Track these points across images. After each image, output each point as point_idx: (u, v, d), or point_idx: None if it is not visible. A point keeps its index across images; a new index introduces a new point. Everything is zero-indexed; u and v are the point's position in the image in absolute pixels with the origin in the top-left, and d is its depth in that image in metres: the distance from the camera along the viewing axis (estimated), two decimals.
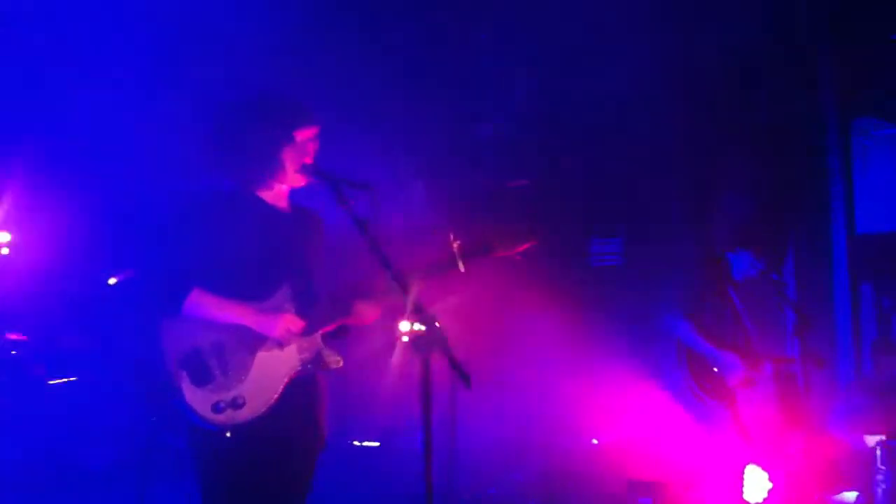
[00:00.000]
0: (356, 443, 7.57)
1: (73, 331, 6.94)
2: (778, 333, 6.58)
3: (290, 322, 3.60)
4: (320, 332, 3.72)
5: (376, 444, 7.46)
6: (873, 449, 5.89)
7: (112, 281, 6.98)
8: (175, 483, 5.39)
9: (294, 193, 3.83)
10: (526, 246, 3.76)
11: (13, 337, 6.67)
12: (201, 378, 3.45)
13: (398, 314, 3.55)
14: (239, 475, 3.50)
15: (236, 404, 3.47)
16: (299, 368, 3.65)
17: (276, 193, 3.76)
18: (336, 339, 3.81)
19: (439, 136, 7.45)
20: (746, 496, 5.60)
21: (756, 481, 5.71)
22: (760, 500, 5.57)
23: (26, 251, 6.62)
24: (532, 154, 7.63)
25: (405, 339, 6.82)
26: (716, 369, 5.51)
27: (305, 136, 3.70)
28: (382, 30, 6.94)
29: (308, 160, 3.70)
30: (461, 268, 3.68)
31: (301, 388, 3.64)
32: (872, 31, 6.82)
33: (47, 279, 6.75)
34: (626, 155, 7.06)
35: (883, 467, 5.80)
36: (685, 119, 6.98)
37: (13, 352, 6.68)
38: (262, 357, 3.57)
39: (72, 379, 6.83)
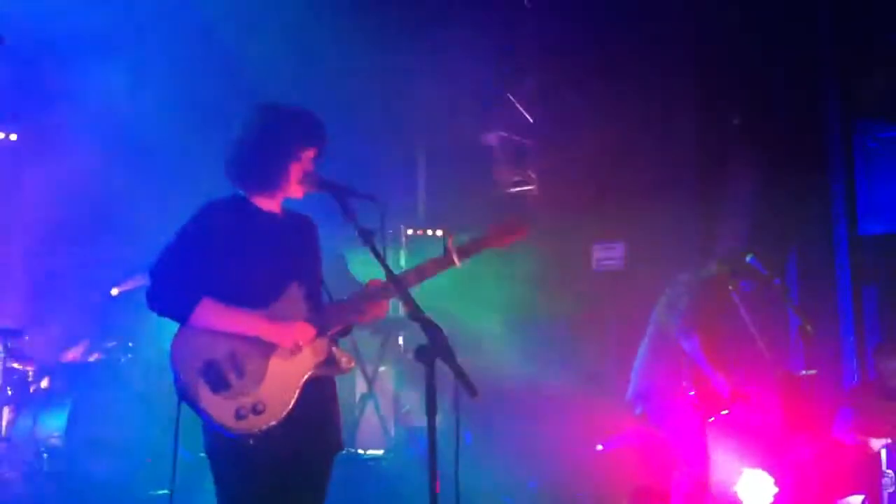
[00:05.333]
0: (361, 451, 7.56)
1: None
2: (782, 338, 6.56)
3: (301, 330, 3.62)
4: (330, 333, 3.73)
5: (380, 451, 7.45)
6: (879, 452, 5.87)
7: (115, 291, 7.00)
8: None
9: (289, 202, 3.88)
10: (516, 238, 3.80)
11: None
12: (219, 386, 3.46)
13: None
14: (261, 480, 3.51)
15: (256, 410, 3.48)
16: (313, 371, 3.65)
17: (273, 201, 3.82)
18: (340, 337, 3.83)
19: (448, 143, 7.43)
20: (751, 500, 5.60)
21: (760, 486, 5.71)
22: None
23: None
24: (537, 161, 7.63)
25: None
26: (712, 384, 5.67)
27: (311, 152, 3.75)
28: (392, 38, 6.93)
29: (309, 171, 3.74)
30: (457, 263, 3.71)
31: (315, 391, 3.65)
32: (875, 32, 6.81)
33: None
34: (631, 163, 7.04)
35: (889, 471, 5.78)
36: (690, 126, 6.96)
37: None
38: (277, 361, 3.59)
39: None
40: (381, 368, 7.90)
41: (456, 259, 3.71)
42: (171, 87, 6.52)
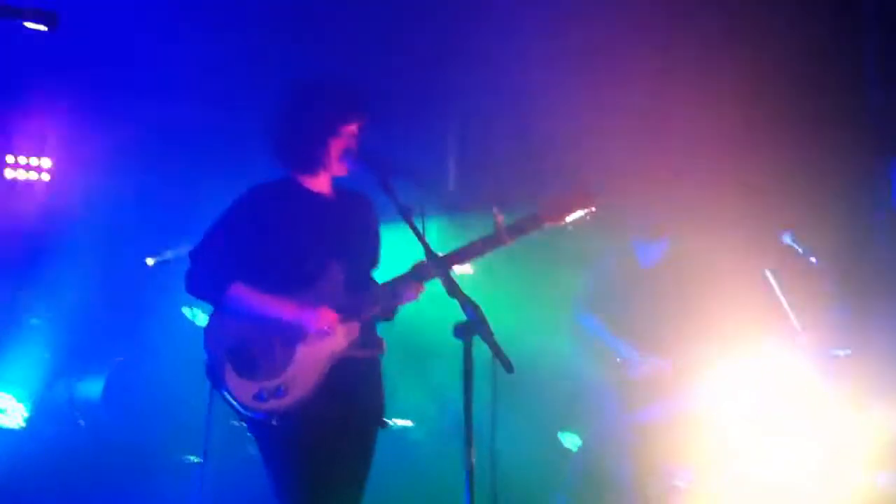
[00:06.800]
0: (390, 422, 7.59)
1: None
2: (820, 320, 6.48)
3: (323, 317, 3.60)
4: (365, 316, 3.72)
5: (409, 423, 7.49)
6: None
7: (150, 262, 7.04)
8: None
9: (341, 180, 3.86)
10: (579, 213, 3.61)
11: None
12: (246, 370, 3.52)
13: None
14: (299, 458, 3.56)
15: (278, 393, 3.53)
16: (342, 353, 3.67)
17: (320, 180, 3.81)
18: (384, 321, 3.84)
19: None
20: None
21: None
22: None
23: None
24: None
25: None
26: (618, 360, 5.89)
27: (352, 128, 3.74)
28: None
29: (352, 147, 3.73)
30: (507, 242, 3.57)
31: (352, 370, 3.68)
32: None
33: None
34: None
35: None
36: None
37: None
38: (305, 345, 3.62)
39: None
40: None
41: (506, 238, 3.57)
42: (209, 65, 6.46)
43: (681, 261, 6.00)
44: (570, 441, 6.83)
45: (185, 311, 6.75)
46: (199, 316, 6.70)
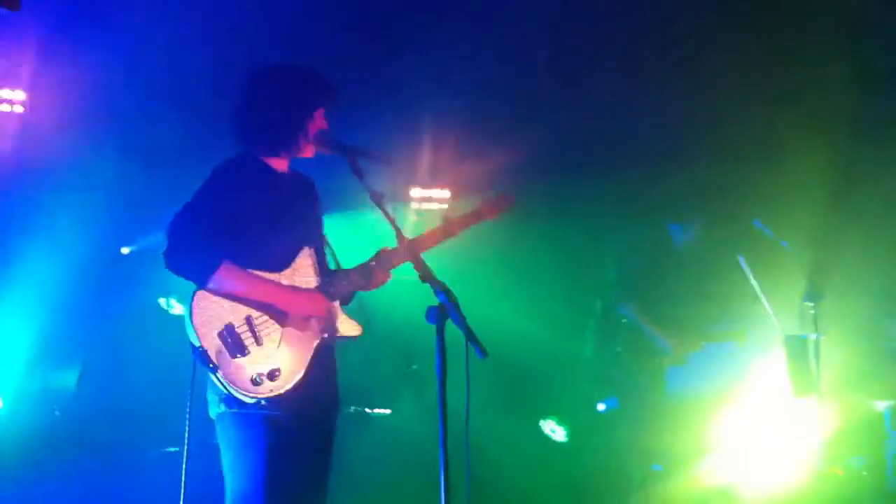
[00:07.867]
0: (367, 410, 7.61)
1: None
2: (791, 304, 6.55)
3: (315, 301, 3.63)
4: (343, 300, 3.75)
5: (387, 410, 7.50)
6: (882, 414, 5.91)
7: (125, 251, 7.01)
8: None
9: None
10: (505, 210, 3.93)
11: None
12: (237, 352, 3.48)
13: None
14: (272, 444, 3.53)
15: (273, 376, 3.51)
16: (324, 337, 3.69)
17: (282, 162, 3.78)
18: (344, 304, 3.84)
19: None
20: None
21: None
22: None
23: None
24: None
25: None
26: (652, 346, 6.23)
27: (322, 111, 3.74)
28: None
29: (325, 130, 3.73)
30: (456, 233, 3.85)
31: (322, 355, 3.68)
32: None
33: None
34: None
35: (893, 432, 5.82)
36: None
37: None
38: (290, 328, 3.61)
39: None
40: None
41: (456, 230, 3.84)
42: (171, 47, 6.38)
43: (701, 244, 6.21)
44: (551, 428, 6.88)
45: (161, 301, 6.73)
46: (174, 306, 6.69)
